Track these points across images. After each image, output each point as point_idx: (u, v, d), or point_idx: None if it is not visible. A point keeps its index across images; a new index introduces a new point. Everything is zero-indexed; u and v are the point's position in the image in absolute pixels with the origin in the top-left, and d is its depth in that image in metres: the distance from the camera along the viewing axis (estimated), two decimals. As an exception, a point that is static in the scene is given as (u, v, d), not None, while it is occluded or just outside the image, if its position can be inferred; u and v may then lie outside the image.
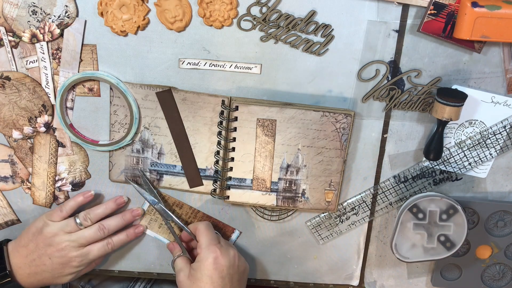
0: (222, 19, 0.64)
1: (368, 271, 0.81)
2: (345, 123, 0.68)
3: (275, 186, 0.72)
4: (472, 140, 0.72)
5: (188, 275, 0.67)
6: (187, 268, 0.68)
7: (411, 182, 0.74)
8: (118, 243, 0.72)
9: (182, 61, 0.67)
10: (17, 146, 0.72)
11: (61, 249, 0.68)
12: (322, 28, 0.65)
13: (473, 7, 0.60)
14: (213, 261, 0.66)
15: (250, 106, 0.67)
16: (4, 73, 0.67)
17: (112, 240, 0.72)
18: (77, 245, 0.68)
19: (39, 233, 0.69)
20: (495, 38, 0.62)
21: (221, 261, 0.66)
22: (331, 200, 0.73)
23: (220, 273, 0.65)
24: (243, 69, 0.67)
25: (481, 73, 0.68)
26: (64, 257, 0.68)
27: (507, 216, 0.75)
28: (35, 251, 0.68)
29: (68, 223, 0.69)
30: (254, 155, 0.70)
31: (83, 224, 0.69)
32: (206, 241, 0.68)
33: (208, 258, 0.66)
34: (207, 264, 0.65)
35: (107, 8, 0.63)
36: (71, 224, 0.69)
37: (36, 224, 0.70)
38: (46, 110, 0.69)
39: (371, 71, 0.68)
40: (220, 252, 0.66)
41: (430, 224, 0.72)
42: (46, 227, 0.69)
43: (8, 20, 0.64)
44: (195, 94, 0.68)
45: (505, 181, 0.74)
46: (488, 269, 0.79)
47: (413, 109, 0.69)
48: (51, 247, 0.68)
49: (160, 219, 0.76)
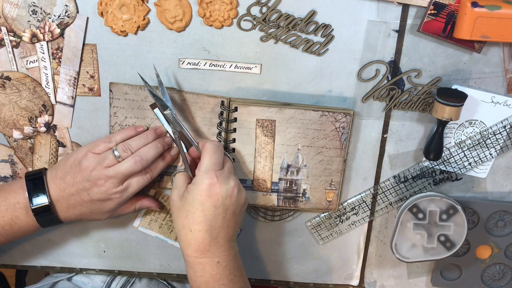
0: (222, 19, 0.64)
1: (368, 271, 0.81)
2: (345, 122, 0.68)
3: (275, 187, 0.72)
4: (472, 140, 0.72)
5: (181, 195, 0.62)
6: (183, 187, 0.63)
7: (411, 182, 0.74)
8: (156, 170, 0.67)
9: (182, 61, 0.67)
10: (17, 146, 0.72)
11: (100, 185, 0.62)
12: (322, 28, 0.65)
13: (473, 7, 0.60)
14: (207, 187, 0.60)
15: (249, 106, 0.67)
16: (5, 73, 0.67)
17: (150, 169, 0.66)
18: (116, 182, 0.63)
19: (76, 166, 0.63)
20: (495, 38, 0.62)
21: (216, 189, 0.60)
22: (332, 200, 0.73)
23: (214, 202, 0.60)
24: (243, 69, 0.67)
25: (481, 73, 0.68)
26: (104, 194, 0.63)
27: (507, 216, 0.75)
28: (73, 186, 0.63)
29: (106, 155, 0.63)
30: (254, 156, 0.70)
31: (121, 156, 0.63)
32: (207, 164, 0.62)
33: (203, 183, 0.60)
34: (201, 189, 0.60)
35: (107, 8, 0.63)
36: (110, 157, 0.63)
37: (76, 155, 0.64)
38: (46, 110, 0.69)
39: (371, 71, 0.68)
40: (217, 179, 0.60)
41: (430, 224, 0.72)
42: (84, 160, 0.63)
43: (8, 20, 0.65)
44: (195, 95, 0.68)
45: (505, 181, 0.74)
46: (488, 269, 0.79)
47: (413, 109, 0.69)
48: (89, 183, 0.62)
49: (161, 219, 0.76)
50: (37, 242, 0.77)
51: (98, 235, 0.77)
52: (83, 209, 0.65)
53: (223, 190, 0.61)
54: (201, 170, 0.62)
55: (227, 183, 0.61)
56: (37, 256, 0.79)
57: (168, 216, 0.76)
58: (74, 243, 0.77)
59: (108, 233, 0.77)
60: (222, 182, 0.61)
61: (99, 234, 0.77)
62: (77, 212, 0.65)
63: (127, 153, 0.63)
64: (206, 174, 0.61)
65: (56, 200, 0.64)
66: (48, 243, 0.77)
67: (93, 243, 0.78)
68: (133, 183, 0.65)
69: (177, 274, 0.80)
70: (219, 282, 0.62)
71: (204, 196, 0.60)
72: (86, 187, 0.63)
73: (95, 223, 0.76)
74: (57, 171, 0.64)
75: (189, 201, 0.61)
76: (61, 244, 0.78)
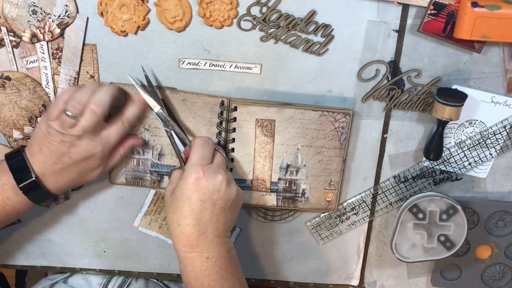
0: (222, 19, 0.64)
1: (368, 271, 0.81)
2: (344, 122, 0.68)
3: (275, 187, 0.72)
4: (472, 140, 0.72)
5: (172, 190, 0.63)
6: (176, 183, 0.63)
7: (411, 182, 0.74)
8: (132, 116, 0.66)
9: (182, 61, 0.67)
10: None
11: (76, 145, 0.61)
12: (322, 28, 0.65)
13: (473, 7, 0.60)
14: (193, 182, 0.60)
15: (248, 106, 0.67)
16: (5, 73, 0.67)
17: (125, 116, 0.65)
18: (88, 136, 0.62)
19: (47, 136, 0.62)
20: (495, 38, 0.62)
21: (203, 183, 0.60)
22: (331, 200, 0.73)
23: (201, 196, 0.60)
24: (243, 69, 0.67)
25: (481, 73, 0.68)
26: (83, 152, 0.62)
27: (507, 216, 0.75)
28: (52, 155, 0.62)
29: (63, 119, 0.61)
30: (254, 156, 0.70)
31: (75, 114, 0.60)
32: (194, 159, 0.62)
33: (189, 177, 0.61)
34: (188, 183, 0.61)
35: (107, 8, 0.63)
36: (66, 119, 0.60)
37: (40, 127, 0.63)
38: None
39: (371, 71, 0.68)
40: (204, 173, 0.60)
41: (430, 224, 0.72)
42: (50, 129, 0.61)
43: (8, 20, 0.65)
44: (195, 95, 0.68)
45: (505, 181, 0.74)
46: (488, 269, 0.79)
47: (413, 109, 0.69)
48: (65, 145, 0.61)
49: (160, 219, 0.76)
50: (37, 242, 0.77)
51: (98, 235, 0.77)
52: (71, 174, 0.64)
53: (210, 184, 0.60)
54: (188, 166, 0.62)
55: (215, 177, 0.61)
56: (37, 256, 0.79)
57: (168, 216, 0.76)
58: (74, 243, 0.77)
59: (108, 233, 0.77)
60: (209, 176, 0.61)
61: (99, 234, 0.77)
62: (66, 179, 0.64)
63: (78, 107, 0.61)
64: (192, 168, 0.61)
65: (42, 173, 0.63)
66: (48, 243, 0.77)
67: (93, 243, 0.78)
68: (112, 133, 0.64)
69: (177, 274, 0.80)
70: (209, 277, 0.62)
71: (190, 190, 0.60)
72: (64, 151, 0.62)
73: (95, 223, 0.76)
74: (32, 146, 0.63)
75: (177, 195, 0.61)
76: (61, 244, 0.78)
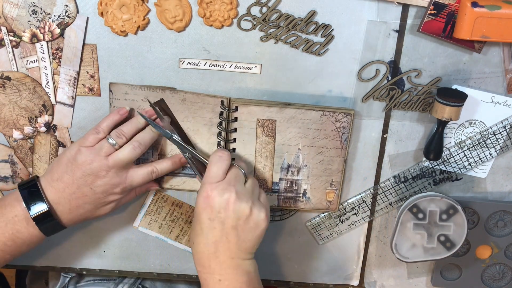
0: (222, 19, 0.64)
1: (368, 271, 0.81)
2: (345, 122, 0.68)
3: (276, 187, 0.72)
4: (472, 140, 0.72)
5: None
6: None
7: (411, 182, 0.74)
8: (163, 171, 0.67)
9: (182, 61, 0.67)
10: (17, 146, 0.72)
11: (102, 176, 0.62)
12: (322, 28, 0.65)
13: (473, 7, 0.60)
14: (202, 200, 0.60)
15: (249, 106, 0.67)
16: (5, 73, 0.67)
17: (157, 169, 0.66)
18: (118, 170, 0.63)
19: (72, 163, 0.62)
20: (495, 38, 0.62)
21: (210, 202, 0.60)
22: (332, 200, 0.73)
23: (208, 214, 0.60)
24: (243, 69, 0.67)
25: (481, 73, 0.68)
26: (107, 184, 0.63)
27: (507, 216, 0.75)
28: (73, 183, 0.62)
29: (102, 145, 0.62)
30: (255, 156, 0.70)
31: (117, 143, 0.62)
32: (205, 178, 0.62)
33: (199, 196, 0.61)
34: (198, 201, 0.61)
35: (107, 8, 0.63)
36: (105, 145, 0.62)
37: (68, 153, 0.63)
38: (46, 110, 0.69)
39: (371, 71, 0.68)
40: (211, 192, 0.60)
41: (430, 224, 0.72)
42: (79, 155, 0.62)
43: (8, 20, 0.65)
44: (195, 95, 0.68)
45: (505, 181, 0.74)
46: (488, 269, 0.79)
47: (413, 109, 0.69)
48: (91, 176, 0.62)
49: (160, 219, 0.76)
50: (37, 242, 0.77)
51: (98, 235, 0.77)
52: (87, 206, 0.64)
53: (216, 202, 0.60)
54: (201, 184, 0.63)
55: (221, 195, 0.60)
56: (37, 256, 0.78)
57: (168, 216, 0.76)
58: (74, 243, 0.77)
59: (108, 233, 0.77)
60: (217, 195, 0.60)
61: (99, 234, 0.77)
62: (81, 211, 0.64)
63: (122, 139, 0.63)
64: (202, 187, 0.62)
65: (56, 203, 0.62)
66: (48, 243, 0.77)
67: (93, 243, 0.78)
68: (138, 177, 0.65)
69: (177, 274, 0.80)
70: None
71: (200, 208, 0.61)
72: (88, 182, 0.62)
73: (95, 223, 0.76)
74: (52, 174, 0.63)
75: (194, 215, 0.63)
76: (61, 244, 0.77)
